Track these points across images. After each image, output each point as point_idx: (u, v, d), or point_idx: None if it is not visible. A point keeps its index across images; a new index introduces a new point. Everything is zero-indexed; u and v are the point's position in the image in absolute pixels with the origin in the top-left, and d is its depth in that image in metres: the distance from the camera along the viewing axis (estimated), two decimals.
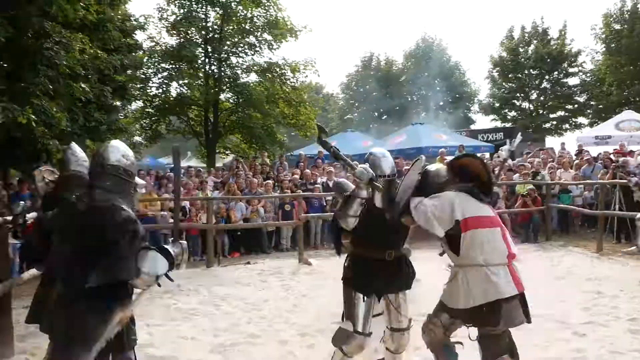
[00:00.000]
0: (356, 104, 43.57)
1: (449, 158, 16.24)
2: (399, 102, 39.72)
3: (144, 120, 19.98)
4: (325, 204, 12.75)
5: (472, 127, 34.99)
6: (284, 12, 19.65)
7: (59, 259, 3.06)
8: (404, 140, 21.33)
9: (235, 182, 12.57)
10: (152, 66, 19.34)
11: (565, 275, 8.68)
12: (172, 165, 3.36)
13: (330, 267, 7.07)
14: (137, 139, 19.73)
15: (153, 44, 19.34)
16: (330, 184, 12.41)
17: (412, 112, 37.62)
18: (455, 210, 3.64)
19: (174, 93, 19.97)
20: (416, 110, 38.14)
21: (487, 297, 3.51)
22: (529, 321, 3.67)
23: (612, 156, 13.07)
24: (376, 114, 41.63)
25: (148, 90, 19.45)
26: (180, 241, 3.34)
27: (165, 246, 3.16)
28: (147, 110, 20.08)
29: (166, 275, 3.09)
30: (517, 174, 13.18)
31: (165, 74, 19.32)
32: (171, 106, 19.73)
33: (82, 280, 2.88)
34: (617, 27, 30.30)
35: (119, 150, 3.28)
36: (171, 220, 10.38)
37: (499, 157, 11.41)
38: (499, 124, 34.23)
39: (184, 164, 31.87)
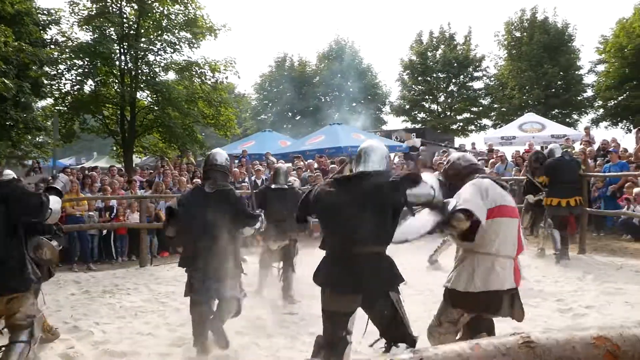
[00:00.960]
0: (270, 105, 43.54)
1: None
2: (312, 103, 40.11)
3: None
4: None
5: (384, 127, 35.94)
6: (202, 10, 19.47)
7: (198, 223, 4.65)
8: (323, 140, 21.53)
9: (162, 180, 12.38)
10: (63, 62, 18.48)
11: None
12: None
13: None
14: (44, 138, 18.84)
15: (65, 39, 18.54)
16: (259, 182, 12.48)
17: (325, 112, 38.09)
18: (487, 197, 3.62)
19: (87, 90, 19.21)
20: (329, 110, 38.61)
21: (487, 286, 3.60)
22: (519, 318, 3.80)
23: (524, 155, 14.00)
24: (290, 114, 41.81)
25: (60, 87, 18.60)
26: (259, 211, 5.31)
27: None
28: (59, 108, 19.17)
29: None
30: (437, 172, 13.79)
31: (79, 70, 18.52)
32: (85, 104, 18.93)
33: (219, 235, 4.60)
34: (518, 34, 32.33)
35: (222, 156, 5.09)
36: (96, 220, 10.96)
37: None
38: (409, 124, 35.25)
39: (90, 164, 30.69)
